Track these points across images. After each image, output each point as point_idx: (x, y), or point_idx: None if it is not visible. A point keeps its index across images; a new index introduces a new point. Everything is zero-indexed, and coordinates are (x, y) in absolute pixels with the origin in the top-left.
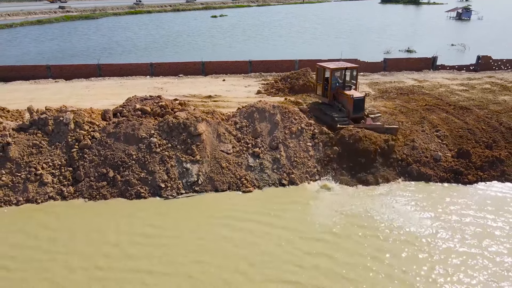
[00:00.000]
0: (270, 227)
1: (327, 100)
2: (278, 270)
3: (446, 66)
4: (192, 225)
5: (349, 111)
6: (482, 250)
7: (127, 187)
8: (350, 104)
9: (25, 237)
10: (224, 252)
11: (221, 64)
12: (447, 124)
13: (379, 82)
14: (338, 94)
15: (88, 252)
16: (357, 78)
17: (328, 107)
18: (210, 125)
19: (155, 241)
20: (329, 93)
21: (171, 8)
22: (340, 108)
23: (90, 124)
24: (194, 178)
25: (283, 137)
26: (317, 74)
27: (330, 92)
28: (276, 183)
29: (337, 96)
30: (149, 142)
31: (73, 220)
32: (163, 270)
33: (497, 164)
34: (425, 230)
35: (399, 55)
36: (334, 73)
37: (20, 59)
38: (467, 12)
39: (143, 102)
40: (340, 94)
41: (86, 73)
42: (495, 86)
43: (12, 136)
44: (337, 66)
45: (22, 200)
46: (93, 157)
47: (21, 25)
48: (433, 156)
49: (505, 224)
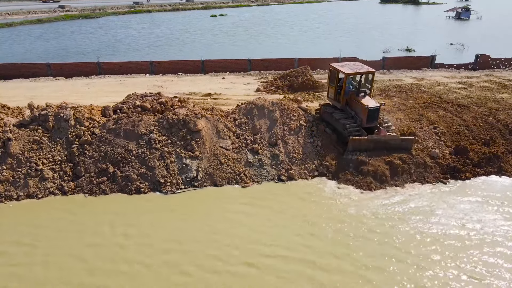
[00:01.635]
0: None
1: (339, 105)
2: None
3: (445, 65)
4: (192, 219)
5: (362, 120)
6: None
7: (127, 182)
8: (365, 114)
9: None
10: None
11: (220, 63)
12: (445, 121)
13: (378, 80)
14: (352, 100)
15: (79, 246)
16: (372, 83)
17: (340, 112)
18: (210, 122)
19: (151, 236)
20: (342, 98)
21: (170, 7)
22: (353, 116)
23: (90, 120)
24: (194, 173)
25: (282, 133)
26: (329, 76)
27: (343, 97)
28: (275, 178)
29: (350, 102)
30: (149, 138)
31: (73, 216)
32: (150, 262)
33: (494, 161)
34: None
35: (398, 54)
36: (349, 77)
37: (25, 57)
38: (466, 12)
39: (143, 99)
40: (353, 100)
41: (86, 71)
42: (493, 84)
43: (13, 132)
44: (353, 71)
45: (23, 195)
46: (93, 153)
47: (21, 24)
48: (430, 154)
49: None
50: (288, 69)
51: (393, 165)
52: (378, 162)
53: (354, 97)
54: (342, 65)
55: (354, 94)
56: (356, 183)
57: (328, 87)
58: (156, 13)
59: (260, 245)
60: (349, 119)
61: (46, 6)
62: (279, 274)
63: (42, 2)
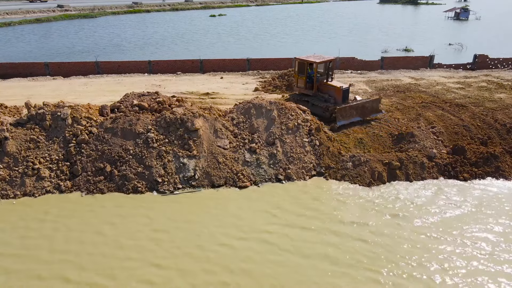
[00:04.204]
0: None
1: (311, 92)
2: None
3: (443, 65)
4: (188, 218)
5: (336, 101)
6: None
7: (124, 181)
8: (339, 95)
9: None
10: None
11: (219, 62)
12: (443, 121)
13: (376, 80)
14: (322, 86)
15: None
16: (333, 70)
17: (314, 98)
18: (207, 121)
19: (150, 234)
20: (315, 85)
21: (169, 7)
22: (326, 99)
23: (87, 119)
24: (191, 173)
25: (279, 132)
26: (298, 68)
27: (315, 84)
28: (272, 178)
29: (321, 87)
30: (146, 137)
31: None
32: (161, 262)
33: (492, 160)
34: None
35: (396, 54)
36: (318, 66)
37: (23, 56)
38: (465, 12)
39: (141, 98)
40: (324, 85)
41: (84, 70)
42: (491, 84)
43: (10, 131)
44: (322, 60)
45: (20, 194)
46: (90, 152)
47: (19, 24)
48: (428, 154)
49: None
50: (286, 68)
51: (392, 166)
52: (376, 163)
53: (325, 82)
54: (308, 56)
55: (323, 80)
56: (353, 183)
57: (297, 78)
58: (155, 13)
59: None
60: (324, 102)
61: (45, 6)
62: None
63: (29, 2)
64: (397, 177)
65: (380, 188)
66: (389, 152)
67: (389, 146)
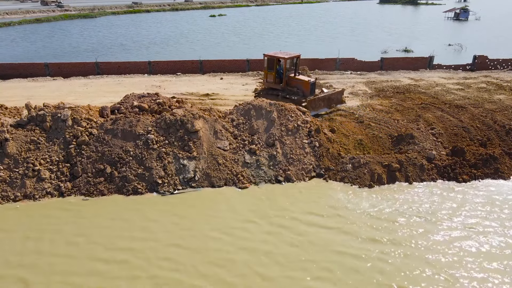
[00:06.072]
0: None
1: (281, 87)
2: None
3: (443, 66)
4: (188, 218)
5: (304, 93)
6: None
7: (124, 183)
8: (307, 88)
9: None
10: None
11: (219, 63)
12: (442, 122)
13: (376, 81)
14: (290, 80)
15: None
16: (298, 65)
17: (283, 92)
18: (207, 122)
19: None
20: (284, 80)
21: (169, 7)
22: (295, 92)
23: (87, 120)
24: (191, 174)
25: (279, 134)
26: (267, 64)
27: (285, 79)
28: (272, 179)
29: (290, 82)
30: (146, 138)
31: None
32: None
33: (491, 162)
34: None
35: (396, 54)
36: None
37: (23, 57)
38: (464, 13)
39: (141, 99)
40: (292, 79)
41: (84, 71)
42: (491, 85)
43: (10, 132)
44: (290, 56)
45: (20, 195)
46: (90, 153)
47: (19, 24)
48: (427, 156)
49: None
50: None
51: (391, 168)
52: (375, 165)
53: (293, 77)
54: (276, 53)
55: (291, 75)
56: (353, 184)
57: (267, 74)
58: (155, 13)
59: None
60: (293, 95)
61: (45, 6)
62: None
63: (20, 2)
64: (397, 178)
65: (379, 190)
66: (389, 153)
67: (388, 147)
